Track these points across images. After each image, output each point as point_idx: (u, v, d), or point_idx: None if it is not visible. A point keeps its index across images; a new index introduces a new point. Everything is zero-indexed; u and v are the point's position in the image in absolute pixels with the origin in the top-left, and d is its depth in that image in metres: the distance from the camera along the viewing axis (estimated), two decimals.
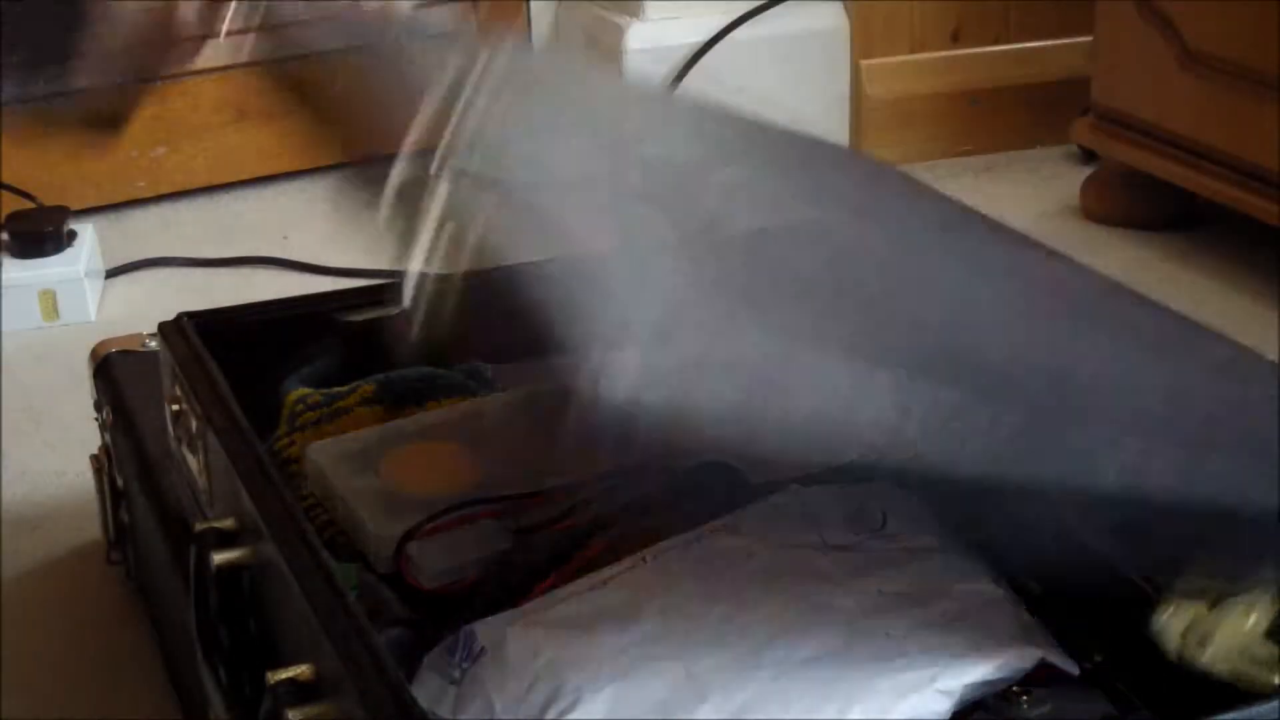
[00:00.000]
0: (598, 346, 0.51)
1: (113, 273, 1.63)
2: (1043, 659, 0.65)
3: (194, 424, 0.82)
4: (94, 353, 1.11)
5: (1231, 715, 0.58)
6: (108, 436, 1.06)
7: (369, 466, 0.82)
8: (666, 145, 0.69)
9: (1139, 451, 0.54)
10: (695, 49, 1.82)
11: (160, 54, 0.78)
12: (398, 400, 0.92)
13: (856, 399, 0.52)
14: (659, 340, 0.53)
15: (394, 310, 0.85)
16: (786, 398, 0.52)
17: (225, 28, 0.80)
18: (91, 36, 0.76)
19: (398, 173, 0.67)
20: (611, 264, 0.56)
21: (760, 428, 0.52)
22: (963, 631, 0.64)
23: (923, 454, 0.53)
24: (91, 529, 1.11)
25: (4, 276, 1.53)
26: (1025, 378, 0.56)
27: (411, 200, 0.65)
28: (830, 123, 1.89)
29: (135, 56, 0.77)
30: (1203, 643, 0.62)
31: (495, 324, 0.68)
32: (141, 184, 1.77)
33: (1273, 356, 1.28)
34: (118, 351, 1.10)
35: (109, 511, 1.06)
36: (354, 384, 0.93)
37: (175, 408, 0.83)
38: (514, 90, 0.69)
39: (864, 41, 1.88)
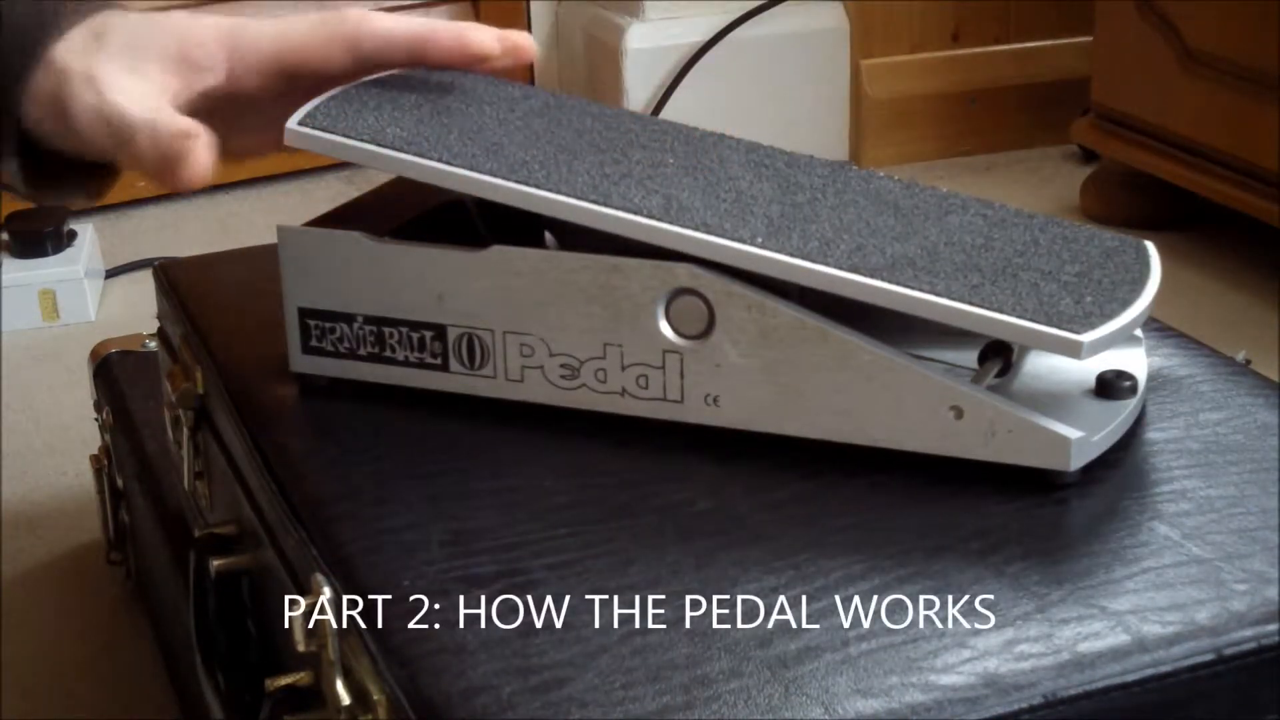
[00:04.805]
0: None
1: (113, 273, 1.63)
2: None
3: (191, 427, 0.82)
4: (94, 353, 1.11)
5: None
6: (108, 436, 1.06)
7: None
8: None
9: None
10: (695, 49, 1.82)
11: None
12: None
13: None
14: None
15: None
16: None
17: None
18: None
19: None
20: None
21: None
22: None
23: None
24: (91, 529, 1.11)
25: (4, 276, 1.53)
26: None
27: None
28: (830, 123, 1.89)
29: None
30: None
31: None
32: (141, 184, 1.76)
33: (1273, 357, 1.28)
34: (117, 352, 1.10)
35: (109, 511, 1.06)
36: None
37: (174, 413, 0.83)
38: None
39: (864, 41, 1.88)
